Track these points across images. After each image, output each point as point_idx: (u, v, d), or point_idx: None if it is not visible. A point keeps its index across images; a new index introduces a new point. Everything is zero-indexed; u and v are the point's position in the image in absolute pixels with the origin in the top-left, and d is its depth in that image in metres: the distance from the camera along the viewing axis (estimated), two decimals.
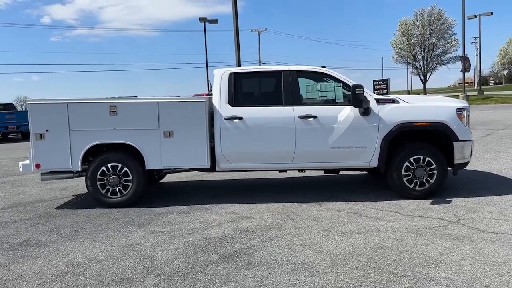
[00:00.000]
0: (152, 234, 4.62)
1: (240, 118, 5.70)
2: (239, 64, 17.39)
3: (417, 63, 46.08)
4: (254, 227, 4.73)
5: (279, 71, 5.89)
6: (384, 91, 29.16)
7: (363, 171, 6.55)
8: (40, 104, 5.70)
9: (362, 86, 5.51)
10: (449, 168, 5.82)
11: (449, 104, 5.87)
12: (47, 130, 5.68)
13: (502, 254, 3.68)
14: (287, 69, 5.88)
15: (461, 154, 5.69)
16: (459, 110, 5.71)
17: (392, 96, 5.93)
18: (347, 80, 5.82)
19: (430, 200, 5.54)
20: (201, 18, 32.84)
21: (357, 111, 5.65)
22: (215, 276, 3.44)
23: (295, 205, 5.61)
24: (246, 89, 6.06)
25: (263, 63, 51.09)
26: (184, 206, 5.73)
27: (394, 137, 5.67)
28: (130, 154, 5.78)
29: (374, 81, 33.77)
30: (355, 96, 5.49)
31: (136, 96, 6.00)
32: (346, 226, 4.63)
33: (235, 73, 5.94)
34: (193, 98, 6.15)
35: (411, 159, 5.65)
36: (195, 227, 4.82)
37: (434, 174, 5.65)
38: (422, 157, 5.64)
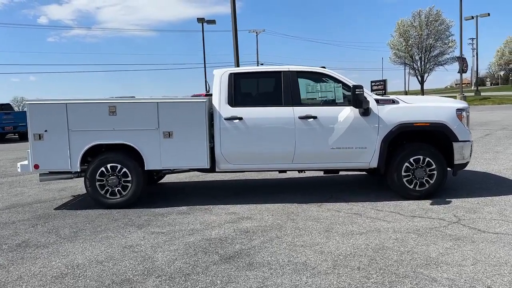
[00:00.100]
0: (152, 235, 4.60)
1: (240, 119, 5.69)
2: (238, 65, 17.38)
3: (414, 64, 46.21)
4: (255, 227, 4.72)
5: (279, 72, 5.88)
6: (381, 91, 29.20)
7: (362, 171, 6.54)
8: (39, 105, 5.67)
9: (362, 87, 5.51)
10: (448, 169, 5.83)
11: (448, 105, 5.87)
12: (45, 131, 5.65)
13: (504, 254, 3.68)
14: (287, 69, 5.87)
15: (460, 155, 5.69)
16: (459, 111, 5.72)
17: (392, 97, 5.93)
18: (347, 80, 5.82)
19: (430, 201, 5.54)
20: (199, 19, 32.83)
21: (357, 111, 5.64)
22: (216, 277, 3.43)
23: (295, 205, 5.60)
24: (246, 89, 6.05)
25: (261, 64, 51.14)
26: (184, 207, 5.71)
27: (394, 137, 5.67)
28: (129, 154, 5.76)
29: (371, 81, 33.86)
30: (355, 97, 5.49)
31: (134, 97, 5.98)
32: (346, 227, 4.62)
33: (235, 73, 5.93)
34: (193, 98, 6.12)
35: (411, 160, 5.65)
36: (195, 227, 4.80)
37: (434, 174, 5.65)
38: (422, 157, 5.64)
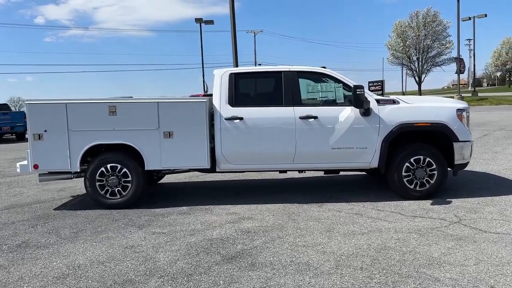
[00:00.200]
0: (153, 235, 4.58)
1: (241, 119, 5.68)
2: (237, 65, 17.37)
3: (412, 65, 46.34)
4: (256, 228, 4.71)
5: (279, 72, 5.87)
6: (379, 92, 29.25)
7: (363, 171, 6.55)
8: (38, 104, 5.64)
9: (363, 87, 5.51)
10: (448, 169, 5.83)
11: (449, 105, 5.88)
12: (45, 131, 5.62)
13: (506, 254, 3.68)
14: (288, 69, 5.87)
15: (461, 155, 5.70)
16: (459, 111, 5.73)
17: (392, 97, 5.94)
18: (348, 80, 5.82)
19: (430, 201, 5.55)
20: (197, 19, 32.73)
21: (357, 111, 5.64)
22: (219, 278, 3.41)
23: (296, 205, 5.59)
24: (246, 89, 6.04)
25: (259, 64, 51.19)
26: (184, 207, 5.70)
27: (395, 137, 5.67)
28: (129, 154, 5.73)
29: (369, 82, 33.92)
30: (356, 97, 5.49)
31: (132, 97, 5.96)
32: (348, 227, 4.62)
33: (235, 73, 5.92)
34: (193, 98, 6.11)
35: (412, 160, 5.65)
36: (196, 228, 4.79)
37: (434, 174, 5.65)
38: (422, 157, 5.64)
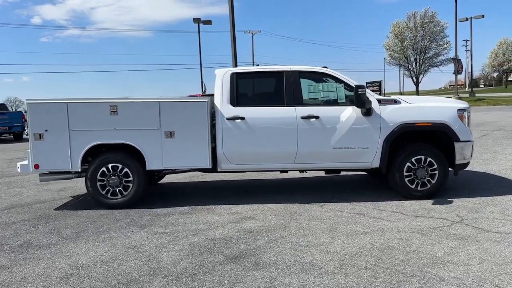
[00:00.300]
0: (155, 235, 4.57)
1: (242, 118, 5.67)
2: (236, 65, 17.35)
3: (409, 65, 46.48)
4: (258, 227, 4.70)
5: (281, 71, 5.87)
6: (377, 92, 29.29)
7: (364, 171, 6.55)
8: (39, 104, 5.61)
9: (364, 87, 5.52)
10: (449, 169, 5.85)
11: (450, 105, 5.89)
12: (46, 130, 5.60)
13: (509, 254, 3.69)
14: (289, 69, 5.87)
15: (462, 155, 5.71)
16: (460, 111, 5.74)
17: (394, 97, 5.95)
18: (349, 80, 5.82)
19: (431, 201, 5.56)
20: (195, 19, 32.65)
21: (359, 111, 5.65)
22: (223, 277, 3.41)
23: (297, 205, 5.59)
24: (248, 89, 6.04)
25: (256, 64, 51.14)
26: (186, 207, 5.69)
27: (396, 137, 5.68)
28: (130, 154, 5.72)
29: (366, 82, 33.88)
30: (357, 97, 5.49)
31: (130, 97, 5.93)
32: (350, 227, 4.62)
33: (237, 73, 5.91)
34: (195, 98, 6.10)
35: (413, 160, 5.66)
36: (198, 228, 4.78)
37: (436, 174, 5.67)
38: (423, 157, 5.65)
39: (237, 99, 5.79)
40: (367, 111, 5.61)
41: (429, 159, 5.65)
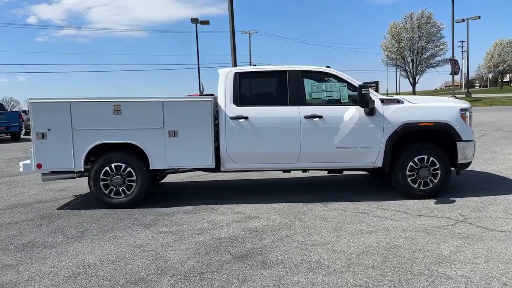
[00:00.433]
0: (160, 234, 4.57)
1: (246, 118, 5.68)
2: (235, 65, 17.35)
3: (406, 66, 46.65)
4: (263, 227, 4.71)
5: (284, 71, 5.88)
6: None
7: (366, 171, 6.57)
8: (42, 103, 5.60)
9: (368, 86, 5.54)
10: (451, 168, 5.88)
11: (452, 105, 5.93)
12: (49, 130, 5.58)
13: None
14: (292, 69, 5.88)
15: (464, 154, 5.75)
16: (462, 111, 5.78)
17: (396, 97, 5.98)
18: (352, 80, 5.85)
19: (434, 200, 5.59)
20: (192, 19, 32.66)
21: (362, 111, 5.67)
22: (231, 276, 3.41)
23: (301, 205, 5.60)
24: (251, 88, 6.05)
25: (254, 65, 51.12)
26: (189, 206, 5.69)
27: (399, 137, 5.71)
28: (134, 154, 5.71)
29: (364, 83, 34.03)
30: (361, 96, 5.51)
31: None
32: (355, 226, 4.64)
33: (240, 72, 5.92)
34: (198, 97, 6.11)
35: (416, 159, 5.69)
36: (203, 227, 4.78)
37: (438, 174, 5.69)
38: (426, 157, 5.68)
39: (240, 98, 5.79)
40: (370, 111, 5.63)
41: (431, 158, 5.68)
